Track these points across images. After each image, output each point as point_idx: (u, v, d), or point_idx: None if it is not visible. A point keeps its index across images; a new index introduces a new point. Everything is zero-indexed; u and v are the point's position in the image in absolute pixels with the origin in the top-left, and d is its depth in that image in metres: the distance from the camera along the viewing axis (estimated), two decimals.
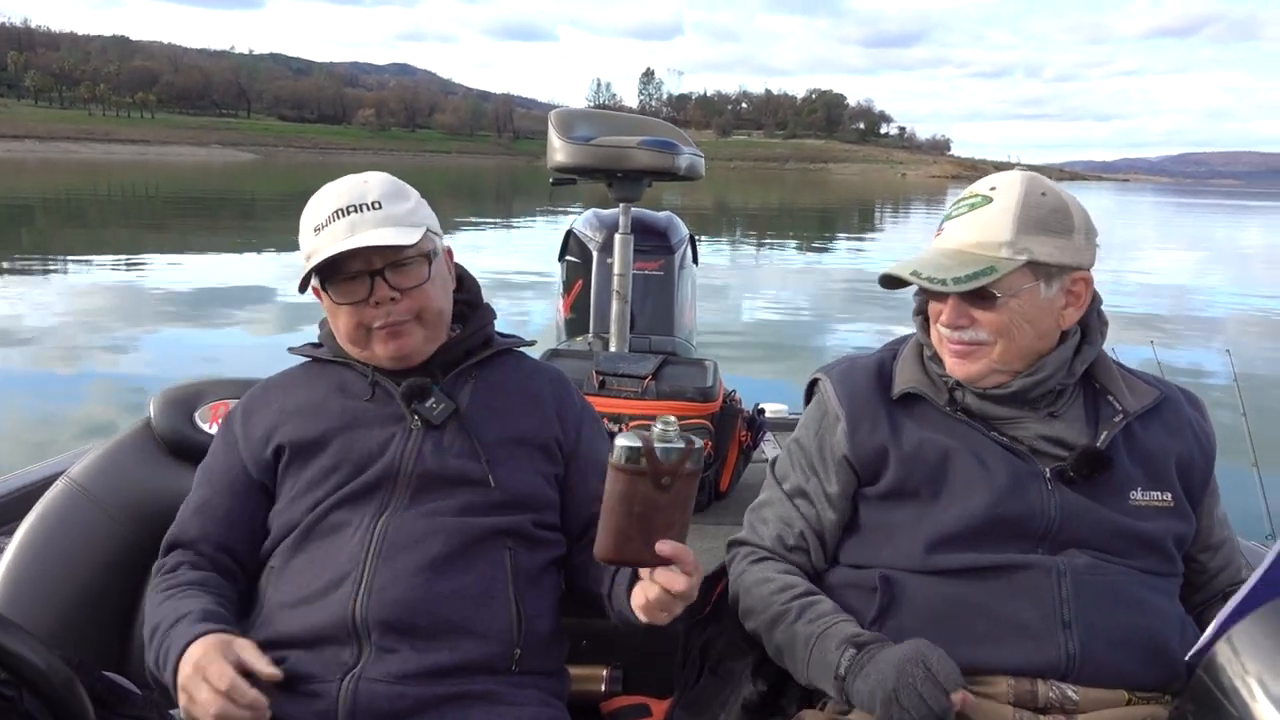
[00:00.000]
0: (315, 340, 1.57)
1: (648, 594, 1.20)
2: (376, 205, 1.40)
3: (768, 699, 1.53)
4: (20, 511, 1.74)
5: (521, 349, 1.62)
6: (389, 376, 1.47)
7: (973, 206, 1.38)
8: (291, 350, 1.57)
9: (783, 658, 1.43)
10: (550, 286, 4.18)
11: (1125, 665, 1.30)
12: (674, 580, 1.17)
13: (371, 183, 1.44)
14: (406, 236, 1.39)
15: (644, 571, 1.21)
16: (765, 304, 12.18)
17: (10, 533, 1.72)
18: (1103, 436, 1.38)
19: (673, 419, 1.16)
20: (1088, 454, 1.36)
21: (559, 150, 2.80)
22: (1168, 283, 16.03)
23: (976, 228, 1.36)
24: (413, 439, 1.42)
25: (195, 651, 1.20)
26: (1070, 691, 1.28)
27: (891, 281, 1.41)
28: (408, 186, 1.49)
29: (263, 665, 1.19)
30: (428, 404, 1.44)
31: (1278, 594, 1.04)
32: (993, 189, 1.38)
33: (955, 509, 1.37)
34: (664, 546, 1.14)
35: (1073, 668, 1.28)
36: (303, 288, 1.43)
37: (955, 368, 1.41)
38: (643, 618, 1.25)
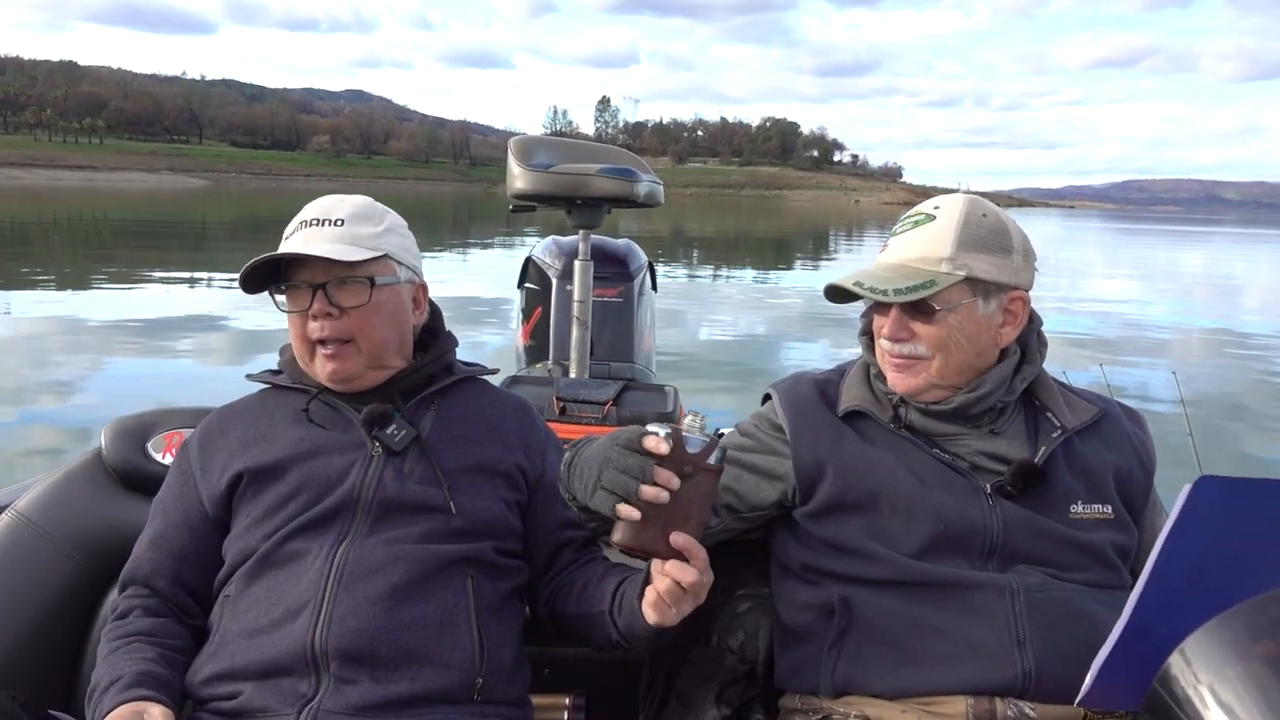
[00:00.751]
0: (274, 368, 1.56)
1: (658, 587, 1.23)
2: (339, 222, 1.43)
3: None
4: None
5: (484, 377, 1.62)
6: (349, 403, 1.46)
7: (916, 224, 1.45)
8: (250, 378, 1.55)
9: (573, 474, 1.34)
10: (508, 314, 4.17)
11: (1079, 681, 1.31)
12: (685, 572, 1.21)
13: (347, 202, 1.47)
14: (348, 254, 1.40)
15: (655, 565, 1.24)
16: (722, 328, 12.24)
17: None
18: (1040, 452, 1.43)
19: (702, 414, 1.24)
20: (1023, 468, 1.41)
21: (518, 177, 2.82)
22: (1113, 306, 16.41)
23: (919, 243, 1.43)
24: (373, 466, 1.41)
25: None
26: (1028, 709, 1.30)
27: (837, 293, 1.46)
28: (392, 214, 1.51)
29: None
30: (389, 430, 1.43)
31: (1143, 642, 1.07)
32: (936, 208, 1.46)
33: (900, 522, 1.41)
34: (678, 538, 1.18)
35: (1029, 685, 1.30)
36: (254, 288, 1.44)
37: (896, 381, 1.46)
38: (652, 617, 1.27)
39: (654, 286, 3.98)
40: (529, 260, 3.73)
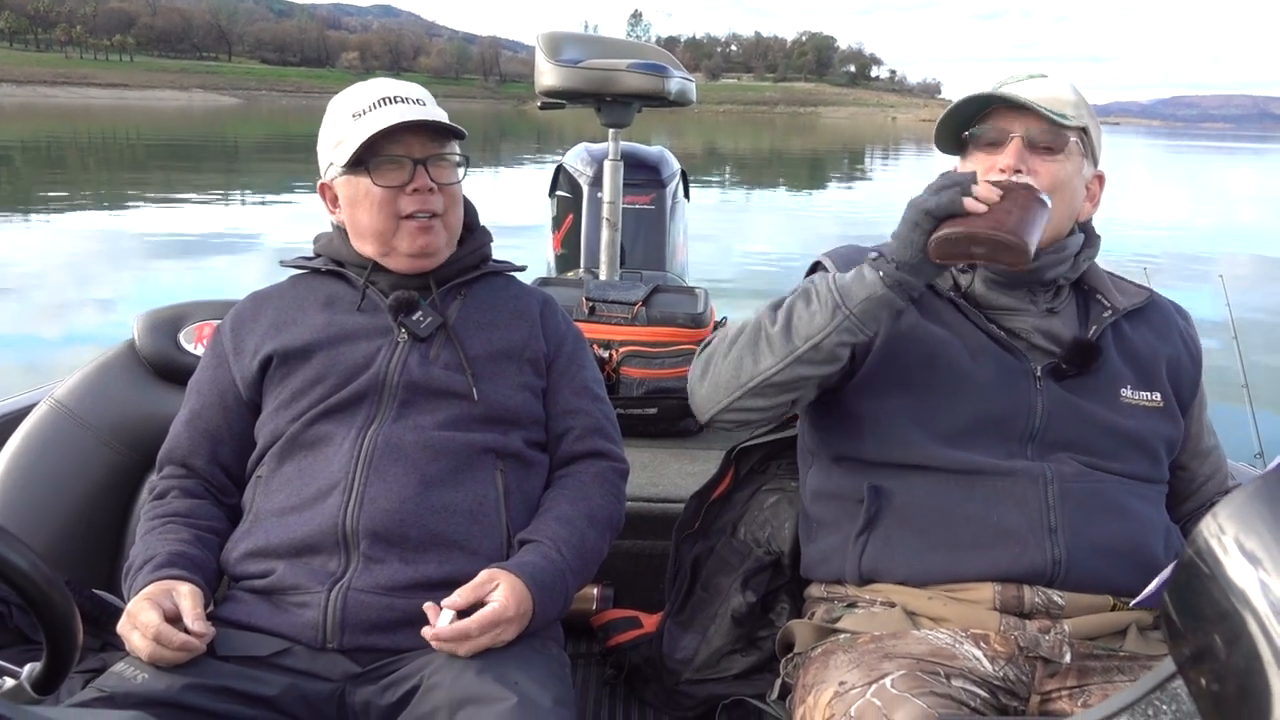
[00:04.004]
0: (308, 255, 1.55)
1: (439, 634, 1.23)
2: (421, 102, 1.44)
3: (756, 610, 1.54)
4: (4, 437, 1.73)
5: (513, 273, 1.61)
6: (378, 290, 1.46)
7: (1031, 77, 1.40)
8: (284, 263, 1.55)
9: (790, 326, 1.32)
10: (538, 234, 4.14)
11: (1110, 571, 1.30)
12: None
13: (413, 87, 1.47)
14: (457, 128, 1.42)
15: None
16: (756, 248, 12.12)
17: None
18: (1093, 330, 1.40)
19: None
20: (1079, 344, 1.37)
21: (546, 73, 2.75)
22: (1158, 223, 16.01)
23: (1046, 88, 1.38)
24: (399, 351, 1.41)
25: (137, 599, 1.22)
26: (1056, 597, 1.29)
27: (969, 106, 1.39)
28: None
29: (192, 620, 1.20)
30: (415, 317, 1.43)
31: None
32: (1043, 74, 1.41)
33: (942, 402, 1.37)
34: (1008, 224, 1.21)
35: (1058, 573, 1.29)
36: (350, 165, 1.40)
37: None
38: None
39: (687, 195, 3.92)
40: (560, 168, 3.69)
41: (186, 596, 1.22)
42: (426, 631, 1.21)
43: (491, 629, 1.22)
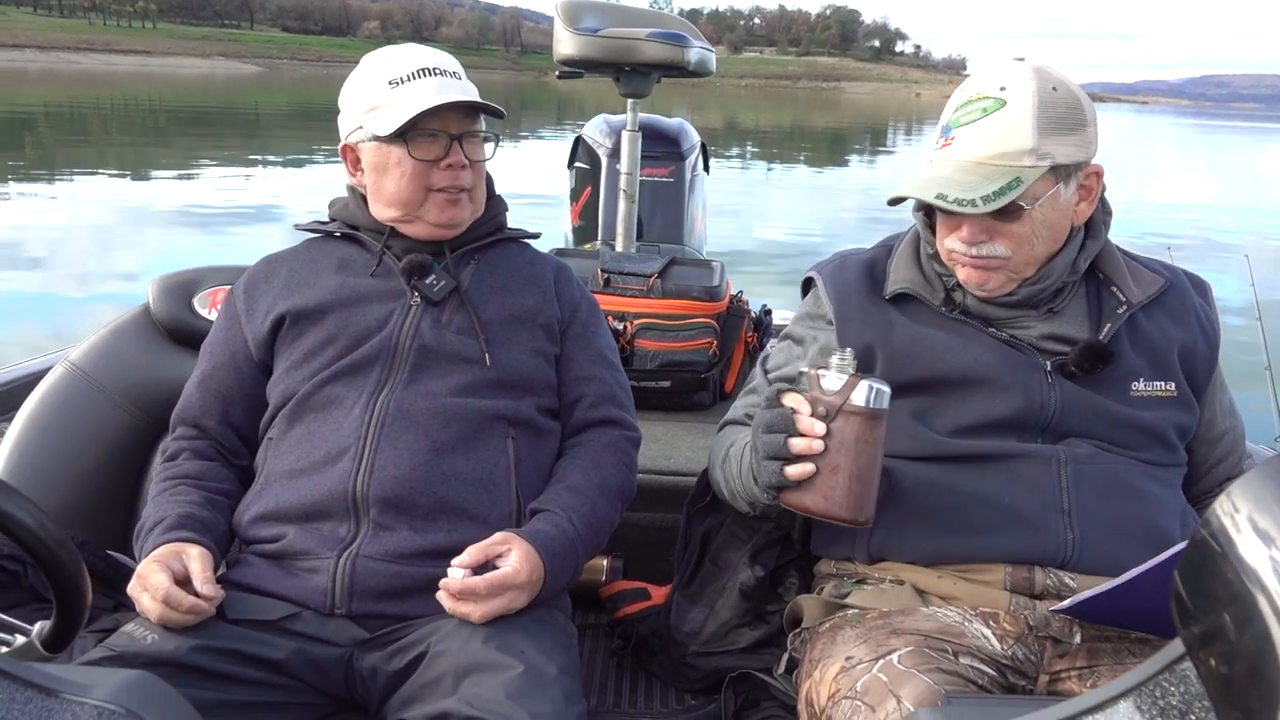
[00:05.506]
0: (323, 219, 1.55)
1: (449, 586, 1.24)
2: (458, 75, 1.44)
3: (765, 585, 1.54)
4: (22, 399, 1.74)
5: (527, 240, 1.60)
6: (393, 254, 1.46)
7: (985, 111, 1.27)
8: (299, 227, 1.55)
9: (733, 491, 1.43)
10: (557, 205, 4.12)
11: (1124, 554, 1.28)
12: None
13: (445, 57, 1.46)
14: (494, 107, 1.43)
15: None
16: (776, 223, 12.04)
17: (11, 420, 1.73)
18: (1105, 329, 1.35)
19: (852, 350, 1.20)
20: (1090, 348, 1.33)
21: (565, 42, 2.72)
22: (1184, 204, 15.78)
23: (996, 136, 1.26)
24: (412, 314, 1.41)
25: (147, 561, 1.23)
26: (1068, 579, 1.27)
27: (905, 199, 1.33)
28: None
29: (201, 583, 1.20)
30: (428, 280, 1.43)
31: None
32: (1003, 89, 1.28)
33: (952, 404, 1.35)
34: (830, 493, 1.20)
35: (1072, 555, 1.28)
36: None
37: (971, 279, 1.35)
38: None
39: (706, 168, 3.88)
40: (579, 139, 3.67)
41: (196, 559, 1.23)
42: (444, 584, 1.22)
43: (501, 592, 1.22)
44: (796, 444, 1.18)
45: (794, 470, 1.18)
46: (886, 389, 1.18)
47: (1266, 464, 0.60)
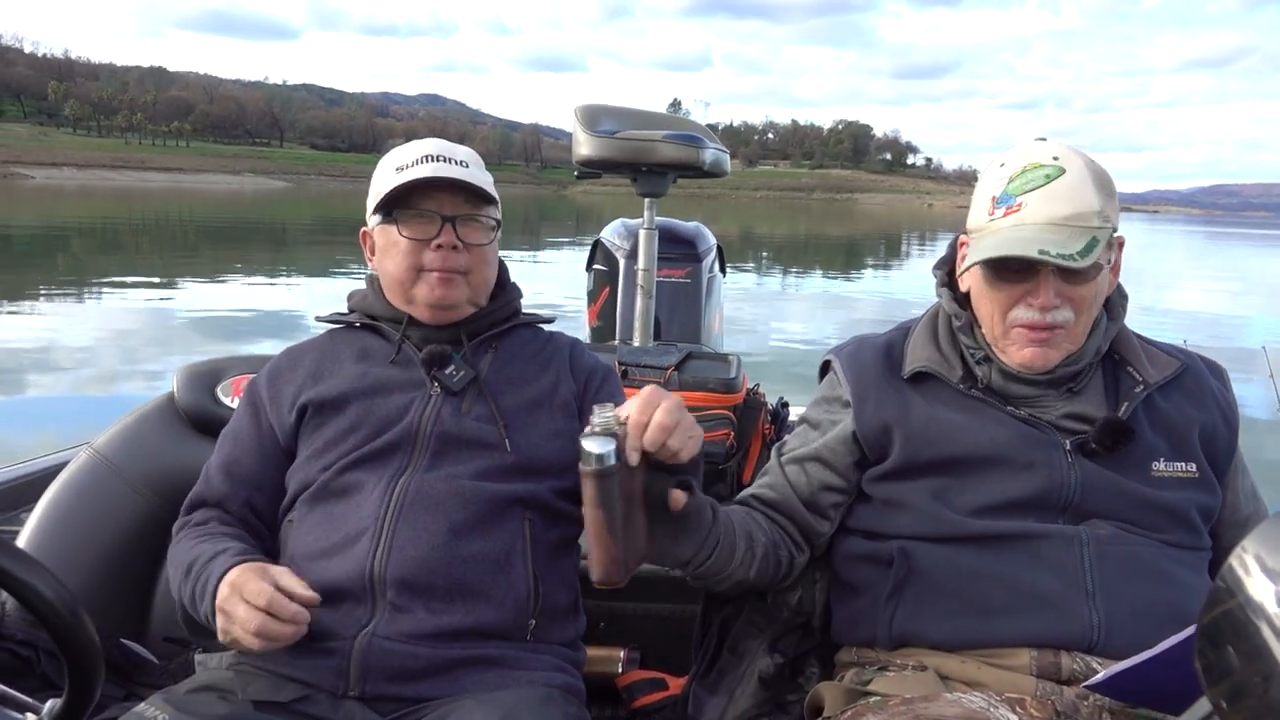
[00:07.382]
0: (343, 311, 1.59)
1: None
2: (464, 164, 1.47)
3: (785, 673, 1.51)
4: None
5: (542, 324, 1.63)
6: (412, 344, 1.49)
7: (1049, 178, 1.30)
8: (320, 319, 1.59)
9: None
10: (576, 315, 4.19)
11: (1151, 637, 1.24)
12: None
13: (458, 149, 1.51)
14: (490, 193, 1.46)
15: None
16: (793, 330, 12.15)
17: None
18: (1124, 408, 1.35)
19: (611, 405, 1.13)
20: (1111, 425, 1.33)
21: (584, 144, 2.81)
22: (1199, 311, 15.82)
23: (1068, 198, 1.29)
24: (432, 403, 1.43)
25: (232, 575, 1.22)
26: (1095, 664, 1.24)
27: (996, 261, 1.30)
28: None
29: (300, 588, 1.20)
30: (448, 371, 1.45)
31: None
32: (1055, 158, 1.32)
33: (971, 484, 1.35)
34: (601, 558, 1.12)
35: (1098, 639, 1.25)
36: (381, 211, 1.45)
37: (1033, 358, 1.33)
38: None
39: (723, 270, 3.94)
40: (597, 242, 3.74)
41: (286, 573, 1.22)
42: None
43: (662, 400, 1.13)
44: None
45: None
46: (606, 447, 1.07)
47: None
